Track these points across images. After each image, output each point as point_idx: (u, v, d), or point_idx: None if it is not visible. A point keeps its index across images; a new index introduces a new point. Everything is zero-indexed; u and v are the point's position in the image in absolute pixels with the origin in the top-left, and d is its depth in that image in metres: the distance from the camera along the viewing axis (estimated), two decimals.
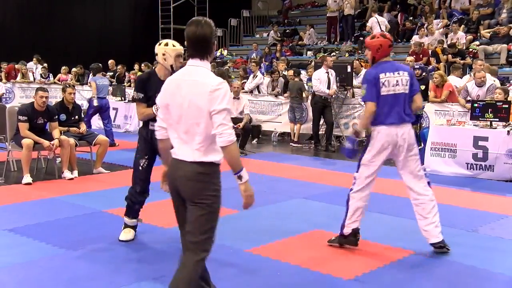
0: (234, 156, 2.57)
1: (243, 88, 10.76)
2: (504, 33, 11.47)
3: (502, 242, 4.38)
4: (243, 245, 4.11)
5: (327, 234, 4.51)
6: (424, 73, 9.22)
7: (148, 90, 3.97)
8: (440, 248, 3.97)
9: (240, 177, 2.63)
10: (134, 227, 4.29)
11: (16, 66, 14.41)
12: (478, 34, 12.25)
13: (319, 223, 4.80)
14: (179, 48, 3.94)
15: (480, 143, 6.91)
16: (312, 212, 5.23)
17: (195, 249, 2.58)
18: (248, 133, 9.23)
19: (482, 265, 3.81)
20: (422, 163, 4.08)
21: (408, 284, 3.49)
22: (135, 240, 4.22)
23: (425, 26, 12.86)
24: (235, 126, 8.85)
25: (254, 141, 10.23)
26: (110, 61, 14.27)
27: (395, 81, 3.85)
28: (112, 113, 11.61)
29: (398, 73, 3.87)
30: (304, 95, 9.87)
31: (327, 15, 15.22)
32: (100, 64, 10.46)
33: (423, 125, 8.69)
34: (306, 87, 10.23)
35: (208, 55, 2.62)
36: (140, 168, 4.15)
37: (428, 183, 4.03)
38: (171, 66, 3.93)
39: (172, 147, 2.66)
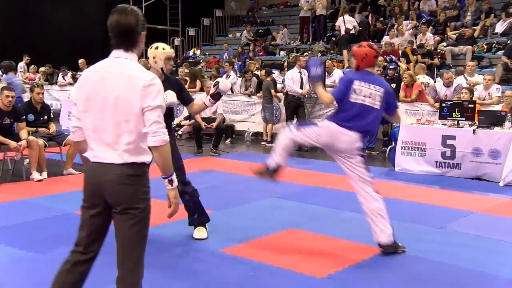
0: (166, 158, 2.35)
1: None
2: (469, 35, 11.83)
3: (469, 238, 4.50)
4: (216, 245, 4.10)
5: (300, 233, 4.55)
6: (396, 73, 9.38)
7: None
8: None
9: (171, 182, 2.41)
10: None
11: None
12: (445, 35, 12.56)
13: (293, 222, 4.83)
14: (168, 51, 4.03)
15: (448, 141, 7.08)
16: (286, 212, 5.26)
17: (131, 269, 2.38)
18: (222, 133, 9.21)
19: (450, 260, 3.91)
20: (393, 164, 4.30)
21: (379, 281, 3.54)
22: (106, 243, 4.15)
23: (395, 27, 13.10)
24: (208, 126, 8.82)
25: (228, 141, 10.21)
26: (81, 61, 14.02)
27: (368, 93, 3.90)
28: None
29: (374, 87, 3.91)
30: (273, 93, 9.91)
31: (300, 15, 15.32)
32: (12, 62, 9.85)
33: (394, 125, 8.85)
34: (280, 86, 10.29)
35: (133, 47, 2.39)
36: None
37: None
38: (162, 68, 4.01)
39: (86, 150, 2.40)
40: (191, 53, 16.26)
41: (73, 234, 4.30)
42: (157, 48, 4.01)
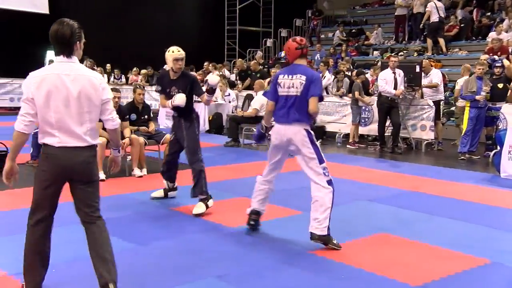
0: (118, 134, 3.21)
1: None
2: None
3: None
4: (306, 246, 4.08)
5: (392, 237, 4.39)
6: (503, 72, 8.69)
7: (163, 85, 5.18)
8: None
9: (119, 151, 3.25)
10: (165, 190, 5.59)
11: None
12: None
13: (384, 227, 4.67)
14: (176, 53, 4.90)
15: None
16: (377, 215, 5.10)
17: (97, 217, 3.01)
18: None
19: None
20: (498, 170, 4.00)
21: None
22: (201, 238, 4.32)
23: (505, 22, 12.12)
24: None
25: (318, 142, 10.11)
26: None
27: (290, 84, 4.00)
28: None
29: (295, 76, 4.00)
30: (356, 95, 9.62)
31: (395, 13, 14.78)
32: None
33: (500, 127, 8.22)
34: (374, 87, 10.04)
35: (71, 53, 2.88)
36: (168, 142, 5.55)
37: (328, 182, 4.00)
38: (171, 68, 4.97)
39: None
40: (282, 54, 16.36)
41: (170, 229, 4.54)
42: (169, 51, 4.92)
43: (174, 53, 4.90)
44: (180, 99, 4.94)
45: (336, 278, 3.52)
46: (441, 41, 13.24)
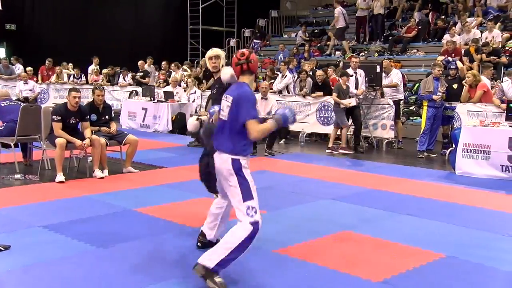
0: None
1: (271, 89, 10.76)
2: None
3: None
4: (270, 245, 4.10)
5: (354, 235, 4.47)
6: (458, 73, 9.00)
7: (212, 91, 4.69)
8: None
9: None
10: None
11: (57, 68, 14.86)
12: None
13: (347, 225, 4.76)
14: (209, 52, 4.53)
15: None
16: (340, 213, 5.18)
17: None
18: (276, 134, 9.21)
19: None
20: (454, 167, 3.65)
21: None
22: (165, 239, 4.27)
23: (458, 25, 12.57)
24: None
25: (282, 142, 10.21)
26: (140, 62, 14.52)
27: (224, 106, 3.46)
28: (141, 113, 11.84)
29: (226, 97, 3.45)
30: (333, 97, 9.38)
31: (356, 14, 15.06)
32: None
33: (455, 126, 8.51)
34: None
35: None
36: None
37: (252, 223, 3.25)
38: (209, 68, 4.64)
39: None
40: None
41: (133, 230, 4.47)
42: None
43: (208, 53, 4.52)
44: (190, 123, 4.60)
45: (299, 277, 3.55)
46: (345, 44, 14.52)
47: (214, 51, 4.49)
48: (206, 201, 5.33)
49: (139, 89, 13.39)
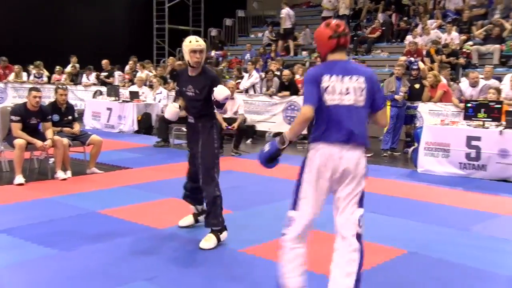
0: None
1: (238, 88, 10.77)
2: (497, 34, 11.55)
3: (495, 241, 4.40)
4: (236, 245, 4.11)
5: (321, 233, 4.52)
6: (420, 73, 9.24)
7: (179, 84, 4.34)
8: None
9: None
10: (195, 214, 4.58)
11: (16, 66, 14.39)
12: (471, 34, 12.32)
13: (315, 223, 4.79)
14: (194, 44, 4.04)
15: (473, 142, 6.95)
16: None
17: None
18: (243, 133, 9.23)
19: (474, 264, 3.83)
20: (416, 165, 3.18)
21: (400, 283, 3.50)
22: (130, 241, 4.22)
23: (419, 26, 12.91)
24: (229, 127, 8.83)
25: (248, 141, 10.23)
26: (104, 61, 14.25)
27: (344, 88, 2.80)
28: (106, 113, 11.63)
29: (350, 78, 2.81)
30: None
31: (322, 15, 15.24)
32: None
33: (417, 125, 8.73)
34: None
35: None
36: (188, 160, 4.46)
37: (358, 236, 3.01)
38: (188, 61, 4.10)
39: None
40: (212, 53, 16.33)
41: (97, 232, 4.39)
42: (185, 41, 4.10)
43: (191, 44, 4.02)
44: (169, 111, 4.22)
45: (266, 276, 3.57)
46: (291, 43, 15.09)
47: (200, 44, 4.03)
48: (172, 201, 5.30)
49: (103, 88, 13.15)
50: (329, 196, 3.07)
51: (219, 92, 3.98)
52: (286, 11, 15.08)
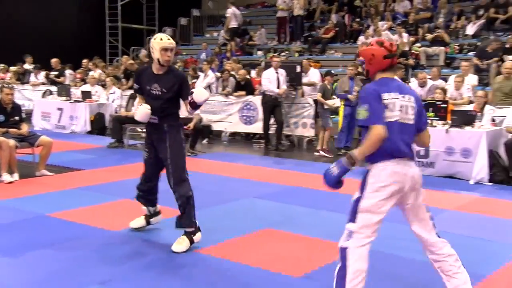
0: None
1: (193, 88, 10.67)
2: (441, 37, 12.09)
3: (442, 235, 4.55)
4: (193, 246, 4.07)
5: (276, 232, 4.55)
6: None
7: (141, 82, 4.14)
8: None
9: None
10: (147, 216, 4.44)
11: None
12: (419, 36, 12.77)
13: (269, 222, 4.83)
14: (165, 42, 3.98)
15: None
16: (262, 211, 5.25)
17: None
18: (199, 133, 9.16)
19: (423, 258, 3.95)
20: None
21: None
22: (81, 244, 4.09)
23: (371, 28, 13.26)
24: (185, 127, 8.74)
25: (205, 141, 10.16)
26: (54, 60, 13.78)
27: (401, 106, 2.93)
28: (57, 113, 11.25)
29: (403, 97, 2.96)
30: (318, 97, 9.14)
31: (277, 15, 15.36)
32: None
33: None
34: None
35: None
36: (144, 159, 4.34)
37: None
38: (158, 59, 3.98)
39: None
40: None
41: (46, 237, 4.24)
42: (155, 38, 4.02)
43: (162, 41, 3.95)
44: (141, 113, 3.96)
45: (222, 276, 3.56)
46: (235, 42, 15.33)
47: (172, 42, 4.01)
48: (126, 203, 5.20)
49: (53, 88, 12.71)
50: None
51: (199, 94, 4.02)
52: (231, 10, 15.34)
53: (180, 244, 3.97)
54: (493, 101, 8.04)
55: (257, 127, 10.19)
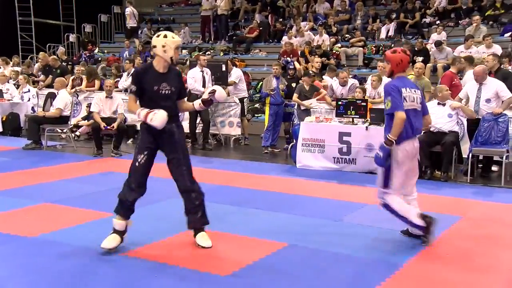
0: None
1: (116, 87, 10.35)
2: (360, 38, 12.68)
3: (363, 229, 4.79)
4: (119, 248, 3.95)
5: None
6: (295, 73, 9.71)
7: (144, 83, 3.90)
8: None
9: None
10: (121, 233, 4.00)
11: None
12: (340, 37, 13.30)
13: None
14: (178, 39, 3.95)
15: (344, 138, 7.49)
16: None
17: None
18: (123, 133, 8.90)
19: (346, 251, 4.13)
20: (295, 161, 4.33)
21: (282, 275, 3.64)
22: None
23: (293, 28, 13.58)
24: (108, 127, 8.44)
25: (129, 141, 9.90)
26: None
27: (413, 97, 4.15)
28: None
29: (415, 91, 4.19)
30: (294, 98, 8.87)
31: (201, 14, 15.28)
32: None
33: (295, 122, 9.17)
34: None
35: None
36: (137, 164, 4.06)
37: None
38: (171, 58, 3.89)
39: None
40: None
41: None
42: (165, 36, 3.88)
43: (175, 39, 3.86)
44: (161, 118, 3.70)
45: (150, 277, 3.49)
46: (137, 42, 15.24)
47: (180, 41, 4.05)
48: (43, 207, 4.93)
49: None
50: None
51: (222, 93, 4.09)
52: (130, 9, 15.50)
53: (206, 240, 4.10)
54: None
55: (185, 127, 10.07)
